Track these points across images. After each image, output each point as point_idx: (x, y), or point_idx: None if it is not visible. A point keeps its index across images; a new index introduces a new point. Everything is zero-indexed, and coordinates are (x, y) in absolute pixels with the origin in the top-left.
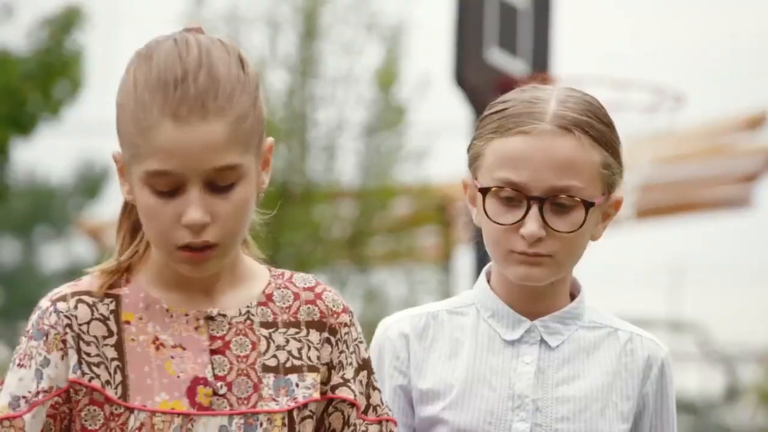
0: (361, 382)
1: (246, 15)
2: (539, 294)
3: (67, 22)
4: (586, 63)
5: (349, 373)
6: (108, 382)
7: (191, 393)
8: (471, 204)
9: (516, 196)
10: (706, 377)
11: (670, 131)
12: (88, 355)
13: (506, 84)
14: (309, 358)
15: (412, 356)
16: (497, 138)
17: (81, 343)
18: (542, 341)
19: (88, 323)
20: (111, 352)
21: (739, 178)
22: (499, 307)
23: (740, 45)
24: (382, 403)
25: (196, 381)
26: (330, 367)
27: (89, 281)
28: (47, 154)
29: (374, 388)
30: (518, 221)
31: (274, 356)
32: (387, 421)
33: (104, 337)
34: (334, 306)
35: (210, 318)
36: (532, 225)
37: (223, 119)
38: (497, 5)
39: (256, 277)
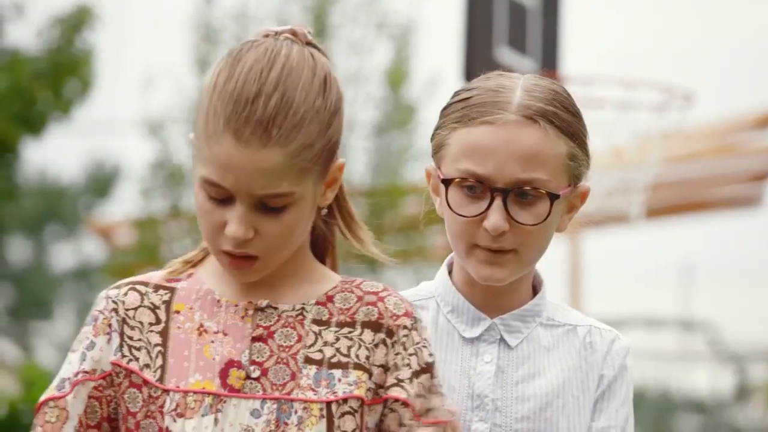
0: (421, 384)
1: (255, 14)
2: (500, 290)
3: (77, 22)
4: (595, 62)
5: (404, 374)
6: (147, 365)
7: (223, 374)
8: (434, 194)
9: (479, 187)
10: (716, 376)
11: (680, 130)
12: (131, 338)
13: (510, 78)
14: (357, 356)
15: None
16: (461, 127)
17: (125, 326)
18: (501, 340)
19: (135, 309)
20: (155, 338)
21: (749, 176)
22: (460, 302)
23: (750, 44)
24: (442, 408)
25: (230, 364)
26: (385, 368)
27: (156, 274)
28: (57, 153)
29: (436, 393)
30: (481, 213)
31: (320, 351)
32: (445, 423)
33: (150, 324)
34: (395, 309)
35: (259, 309)
36: (495, 217)
37: (284, 149)
38: (506, 4)
39: (324, 280)
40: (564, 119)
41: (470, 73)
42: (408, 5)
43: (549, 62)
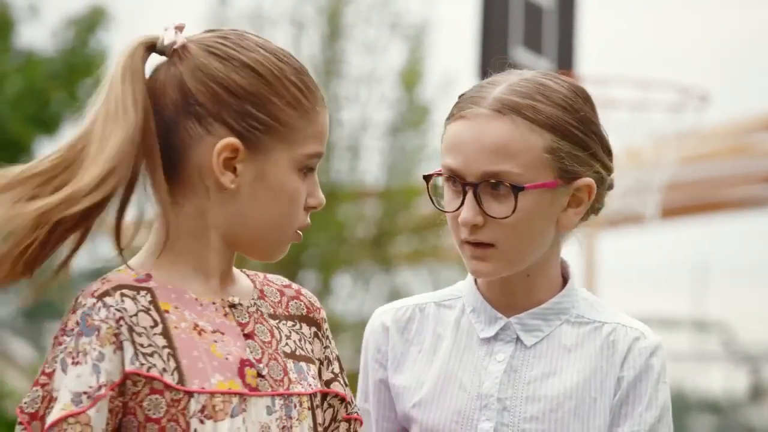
0: (344, 377)
1: (270, 15)
2: (516, 287)
3: (91, 22)
4: (610, 62)
5: (336, 367)
6: (165, 370)
7: (241, 374)
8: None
9: (457, 182)
10: (730, 377)
11: (695, 130)
12: (142, 345)
13: (504, 74)
14: (308, 350)
15: (390, 350)
16: (447, 124)
17: (134, 334)
18: (517, 339)
19: (136, 315)
20: (161, 341)
21: (764, 177)
22: (479, 302)
23: (765, 45)
24: (353, 402)
25: (243, 363)
26: (321, 362)
27: (123, 276)
28: None
29: (347, 385)
30: (458, 208)
31: (287, 344)
32: (355, 420)
33: (151, 327)
34: (315, 302)
35: (232, 306)
36: (465, 211)
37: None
38: (522, 4)
39: (240, 274)
40: (542, 112)
41: (485, 73)
42: (422, 5)
43: (564, 62)
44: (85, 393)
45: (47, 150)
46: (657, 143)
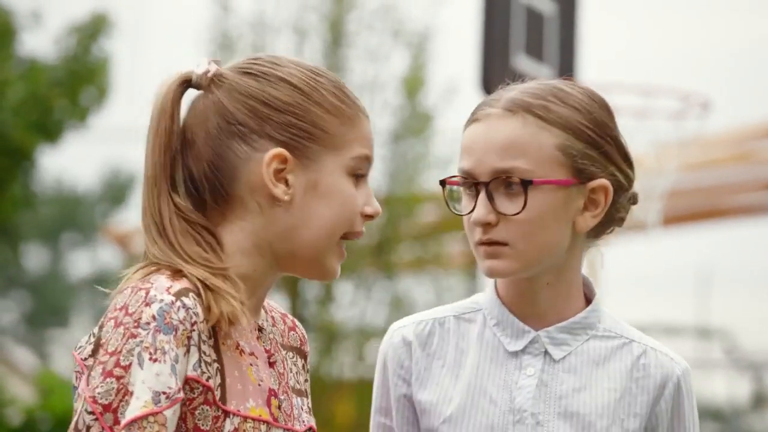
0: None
1: (272, 22)
2: (537, 296)
3: (94, 30)
4: (612, 69)
5: (310, 400)
6: (214, 384)
7: (269, 402)
8: None
9: (470, 184)
10: (733, 384)
11: (698, 138)
12: (204, 354)
13: (519, 82)
14: (302, 383)
15: (414, 364)
16: (464, 130)
17: (201, 341)
18: (546, 353)
19: (203, 322)
20: (213, 354)
21: (767, 184)
22: (504, 315)
23: (767, 51)
24: None
25: (271, 392)
26: (305, 395)
27: (177, 282)
28: (74, 161)
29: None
30: (472, 210)
31: (290, 377)
32: None
33: (209, 338)
34: (305, 334)
35: (261, 329)
36: (477, 210)
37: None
38: (524, 11)
39: None
40: (554, 111)
41: (487, 80)
42: (424, 12)
43: (566, 69)
44: (164, 393)
45: (49, 157)
46: (659, 151)
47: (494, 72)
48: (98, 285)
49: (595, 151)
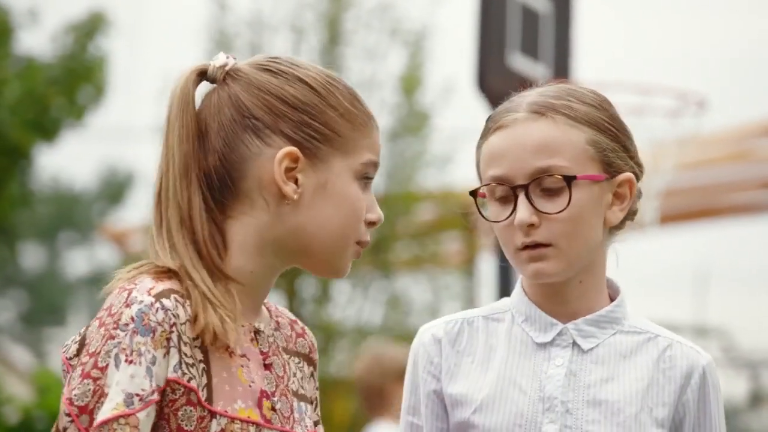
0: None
1: (269, 21)
2: (568, 294)
3: (91, 28)
4: (608, 68)
5: (319, 410)
6: (199, 385)
7: (260, 404)
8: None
9: (504, 190)
10: (730, 383)
11: (694, 136)
12: (186, 355)
13: (528, 89)
14: (307, 390)
15: (444, 361)
16: (482, 142)
17: (181, 343)
18: (574, 344)
19: (185, 324)
20: (199, 354)
21: (764, 183)
22: (532, 310)
23: (764, 50)
24: None
25: (263, 393)
26: (312, 402)
27: (165, 283)
28: (71, 159)
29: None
30: (511, 214)
31: (294, 381)
32: None
33: (194, 339)
34: (314, 342)
35: (257, 332)
36: (520, 212)
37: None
38: (519, 10)
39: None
40: (577, 109)
41: (482, 79)
42: (422, 11)
43: (561, 68)
44: (137, 395)
45: (46, 156)
46: (656, 149)
47: (490, 71)
48: (95, 284)
49: (618, 145)
